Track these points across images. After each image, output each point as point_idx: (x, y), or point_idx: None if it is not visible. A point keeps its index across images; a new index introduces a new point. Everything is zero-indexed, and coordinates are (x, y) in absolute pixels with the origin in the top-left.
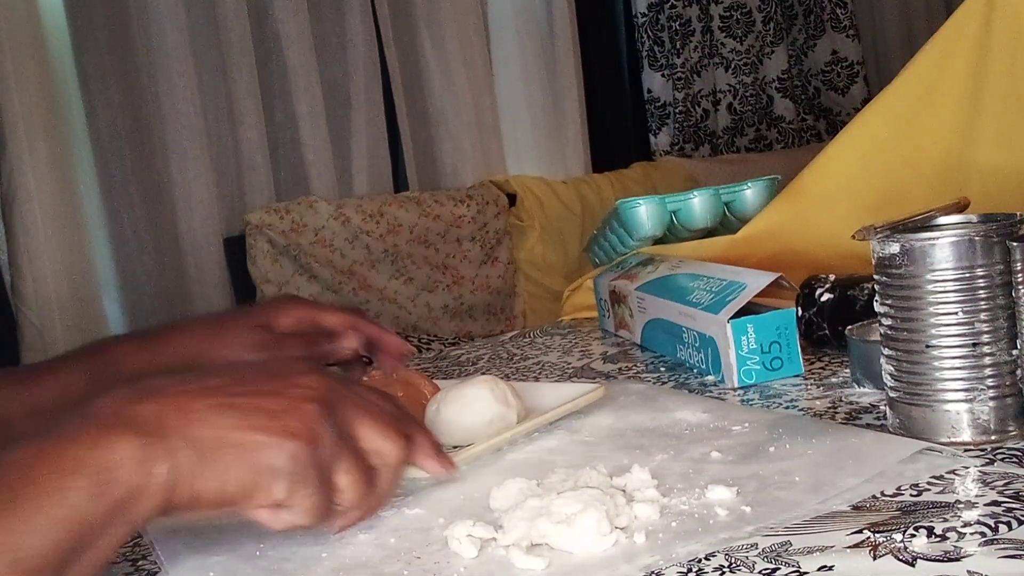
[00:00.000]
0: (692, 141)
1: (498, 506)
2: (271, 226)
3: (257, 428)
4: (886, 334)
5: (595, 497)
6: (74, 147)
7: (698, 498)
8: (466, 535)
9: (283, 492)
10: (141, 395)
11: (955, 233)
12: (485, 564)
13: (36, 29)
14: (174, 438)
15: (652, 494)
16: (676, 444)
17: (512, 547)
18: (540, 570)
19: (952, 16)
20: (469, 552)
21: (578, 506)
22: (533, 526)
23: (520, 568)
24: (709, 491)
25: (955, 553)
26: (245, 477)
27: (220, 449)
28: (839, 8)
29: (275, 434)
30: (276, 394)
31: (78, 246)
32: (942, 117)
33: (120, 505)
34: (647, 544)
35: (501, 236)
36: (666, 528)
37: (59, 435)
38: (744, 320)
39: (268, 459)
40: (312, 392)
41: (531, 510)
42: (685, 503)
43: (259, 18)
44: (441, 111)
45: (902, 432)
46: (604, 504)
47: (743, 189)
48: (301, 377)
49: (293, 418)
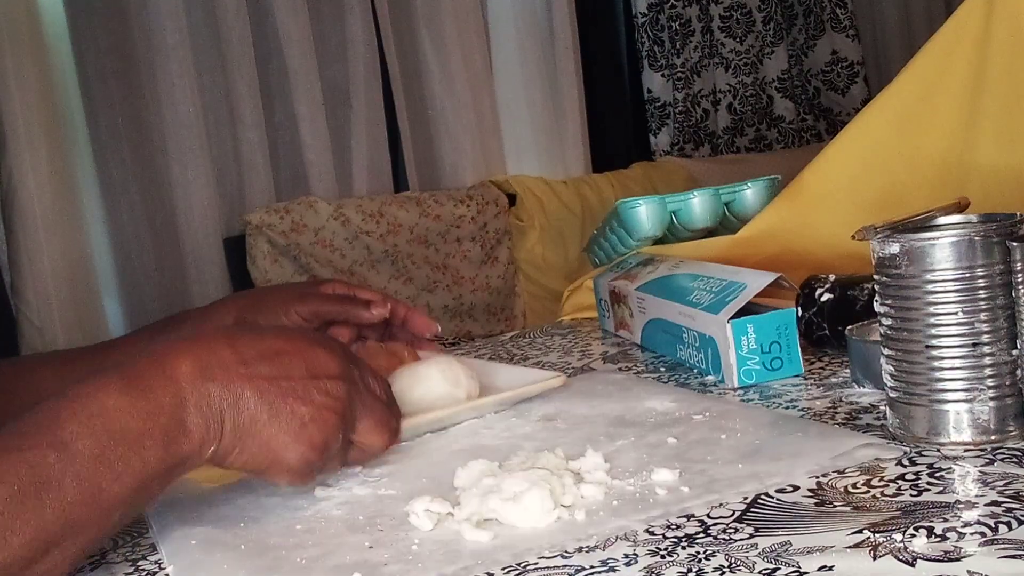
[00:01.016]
0: (692, 141)
1: (460, 484)
2: (271, 226)
3: (287, 432)
4: (886, 334)
5: (542, 477)
6: (74, 147)
7: (644, 480)
8: (424, 509)
9: (285, 481)
10: (211, 370)
11: (955, 233)
12: (439, 536)
13: (36, 29)
14: (227, 423)
15: (601, 476)
16: (639, 431)
17: (464, 521)
18: (486, 542)
19: (952, 16)
20: (425, 525)
21: (525, 485)
22: (484, 502)
23: (468, 540)
24: (654, 474)
25: (955, 553)
26: (263, 462)
27: (254, 438)
28: (839, 8)
29: (299, 441)
30: (309, 400)
31: (78, 246)
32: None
33: (178, 466)
34: (586, 520)
35: (501, 236)
36: (607, 506)
37: (141, 391)
38: (744, 320)
39: (286, 457)
40: (336, 403)
41: (484, 488)
42: (631, 484)
43: (259, 18)
44: (441, 111)
45: (902, 432)
46: (550, 484)
47: (743, 189)
48: (331, 383)
49: (316, 429)
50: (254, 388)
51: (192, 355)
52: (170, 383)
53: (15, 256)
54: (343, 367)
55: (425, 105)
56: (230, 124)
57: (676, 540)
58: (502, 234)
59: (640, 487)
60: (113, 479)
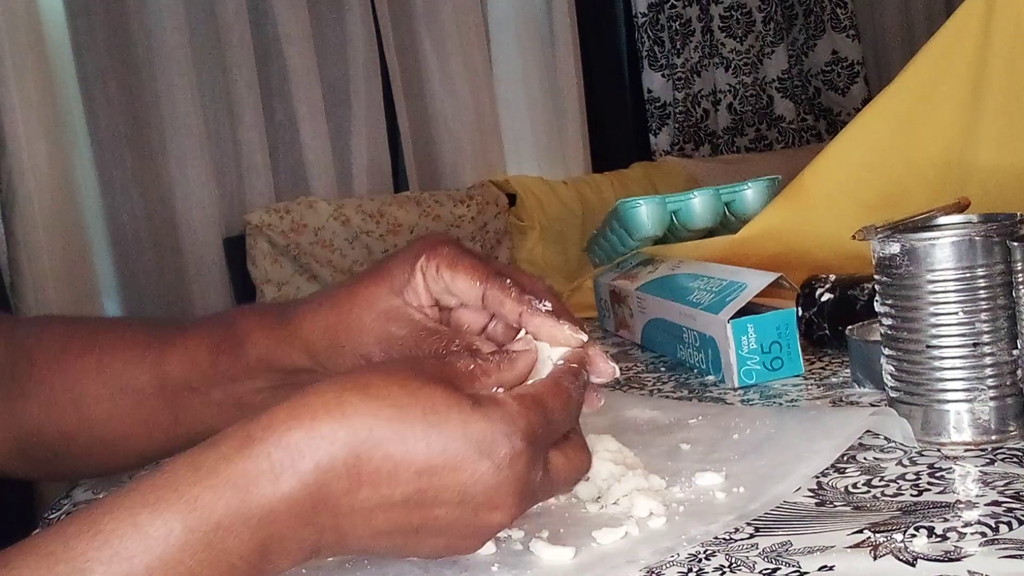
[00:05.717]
0: (692, 141)
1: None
2: (271, 226)
3: (426, 554)
4: (886, 334)
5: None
6: (74, 147)
7: (689, 486)
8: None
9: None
10: (316, 503)
11: (955, 233)
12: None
13: (36, 29)
14: (339, 550)
15: (657, 482)
16: (640, 439)
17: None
18: (569, 561)
19: (952, 16)
20: (489, 547)
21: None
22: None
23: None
24: (697, 478)
25: (955, 553)
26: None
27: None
28: (839, 8)
29: (442, 554)
30: (451, 543)
31: (78, 246)
32: (942, 117)
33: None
34: (665, 528)
35: (501, 236)
36: (675, 514)
37: (246, 508)
38: (744, 320)
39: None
40: (504, 526)
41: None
42: (680, 491)
43: (259, 18)
44: (441, 111)
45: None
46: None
47: (743, 189)
48: (492, 515)
49: (471, 545)
50: (375, 543)
51: (291, 507)
52: (253, 535)
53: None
54: (518, 495)
55: (425, 105)
56: (230, 124)
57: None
58: (502, 234)
59: (690, 492)
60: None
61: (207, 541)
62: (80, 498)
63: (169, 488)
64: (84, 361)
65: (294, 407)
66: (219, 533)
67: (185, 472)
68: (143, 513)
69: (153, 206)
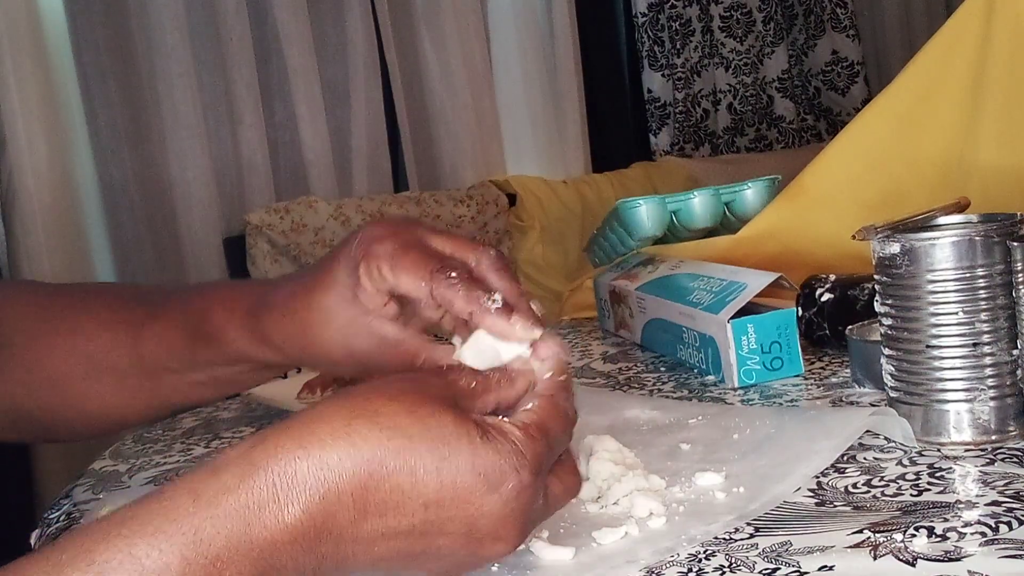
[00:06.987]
0: (692, 141)
1: None
2: (271, 226)
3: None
4: (886, 334)
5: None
6: (74, 147)
7: (689, 486)
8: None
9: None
10: (320, 533)
11: (955, 233)
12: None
13: (36, 29)
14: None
15: (657, 482)
16: (640, 439)
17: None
18: (568, 560)
19: (952, 16)
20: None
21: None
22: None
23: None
24: (697, 478)
25: (955, 553)
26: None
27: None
28: (839, 8)
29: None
30: (457, 568)
31: (78, 246)
32: (942, 117)
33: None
34: (665, 528)
35: (501, 236)
36: (675, 514)
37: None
38: (744, 320)
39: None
40: (505, 555)
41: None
42: (680, 491)
43: (259, 18)
44: (441, 111)
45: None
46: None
47: (743, 189)
48: (500, 545)
49: (470, 570)
50: (375, 567)
51: (290, 536)
52: (254, 567)
53: (15, 256)
54: (521, 526)
55: (425, 105)
56: (230, 124)
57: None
58: (502, 234)
59: (690, 492)
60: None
61: (205, 574)
62: (80, 498)
63: (167, 519)
64: (59, 341)
65: (300, 435)
66: (218, 566)
67: (184, 501)
68: (140, 544)
69: (153, 206)
